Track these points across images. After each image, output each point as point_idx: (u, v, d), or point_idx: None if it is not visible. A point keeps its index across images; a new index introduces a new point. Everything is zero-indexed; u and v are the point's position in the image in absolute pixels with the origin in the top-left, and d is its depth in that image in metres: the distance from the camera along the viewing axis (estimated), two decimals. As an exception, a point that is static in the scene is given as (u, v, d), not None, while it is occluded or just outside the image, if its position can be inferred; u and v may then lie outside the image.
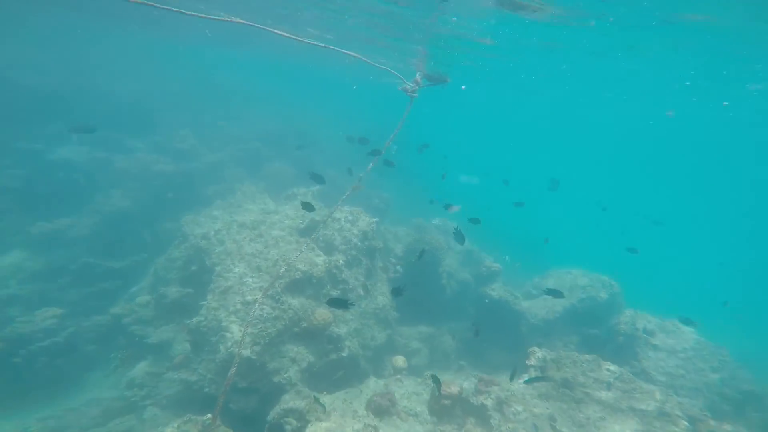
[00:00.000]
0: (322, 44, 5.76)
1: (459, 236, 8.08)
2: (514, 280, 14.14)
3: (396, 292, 7.44)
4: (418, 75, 7.62)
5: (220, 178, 17.90)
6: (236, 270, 9.78)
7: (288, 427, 6.90)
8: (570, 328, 11.76)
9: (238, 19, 4.78)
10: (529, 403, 8.04)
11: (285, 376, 8.00)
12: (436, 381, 6.91)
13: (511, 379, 7.67)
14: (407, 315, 11.48)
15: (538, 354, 9.20)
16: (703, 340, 11.94)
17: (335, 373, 8.66)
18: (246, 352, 7.84)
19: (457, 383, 8.16)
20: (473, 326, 6.06)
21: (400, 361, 9.34)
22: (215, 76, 34.53)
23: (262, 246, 10.68)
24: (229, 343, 8.08)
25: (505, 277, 14.11)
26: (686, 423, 7.76)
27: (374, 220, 11.75)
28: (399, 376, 8.55)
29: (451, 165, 19.95)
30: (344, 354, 8.79)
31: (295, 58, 30.00)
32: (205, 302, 9.08)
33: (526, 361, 9.09)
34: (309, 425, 6.71)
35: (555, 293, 8.06)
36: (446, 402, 7.86)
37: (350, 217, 11.69)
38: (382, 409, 7.30)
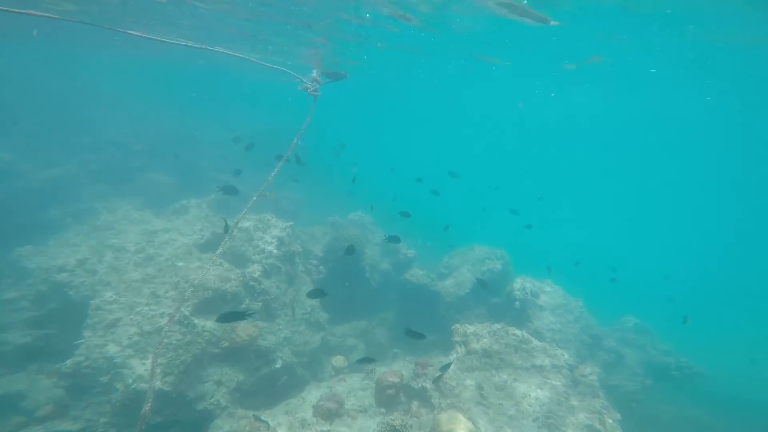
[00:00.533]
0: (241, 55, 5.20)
1: (393, 239, 8.68)
2: (427, 264, 14.80)
3: (314, 294, 7.25)
4: (314, 72, 7.43)
5: (69, 197, 14.58)
6: (123, 300, 8.55)
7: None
8: (478, 299, 12.86)
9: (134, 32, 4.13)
10: (460, 377, 8.65)
11: (212, 401, 7.02)
12: (369, 360, 6.95)
13: (440, 376, 8.13)
14: (338, 313, 11.15)
15: (460, 330, 9.93)
16: (567, 295, 14.51)
17: (271, 387, 7.86)
18: (157, 384, 6.62)
19: (397, 372, 8.26)
20: (405, 330, 6.38)
21: (339, 360, 8.98)
22: (43, 78, 27.86)
23: (155, 270, 9.51)
24: (130, 380, 6.91)
25: (420, 262, 14.70)
26: (567, 371, 9.37)
27: (288, 224, 11.11)
28: (341, 376, 8.21)
29: (351, 156, 20.26)
30: (277, 366, 8.07)
31: (165, 57, 26.43)
32: (82, 340, 7.65)
33: (452, 338, 9.75)
34: (255, 448, 5.94)
35: (483, 284, 9.03)
36: (390, 391, 7.87)
37: (260, 225, 10.88)
38: (331, 412, 6.90)
